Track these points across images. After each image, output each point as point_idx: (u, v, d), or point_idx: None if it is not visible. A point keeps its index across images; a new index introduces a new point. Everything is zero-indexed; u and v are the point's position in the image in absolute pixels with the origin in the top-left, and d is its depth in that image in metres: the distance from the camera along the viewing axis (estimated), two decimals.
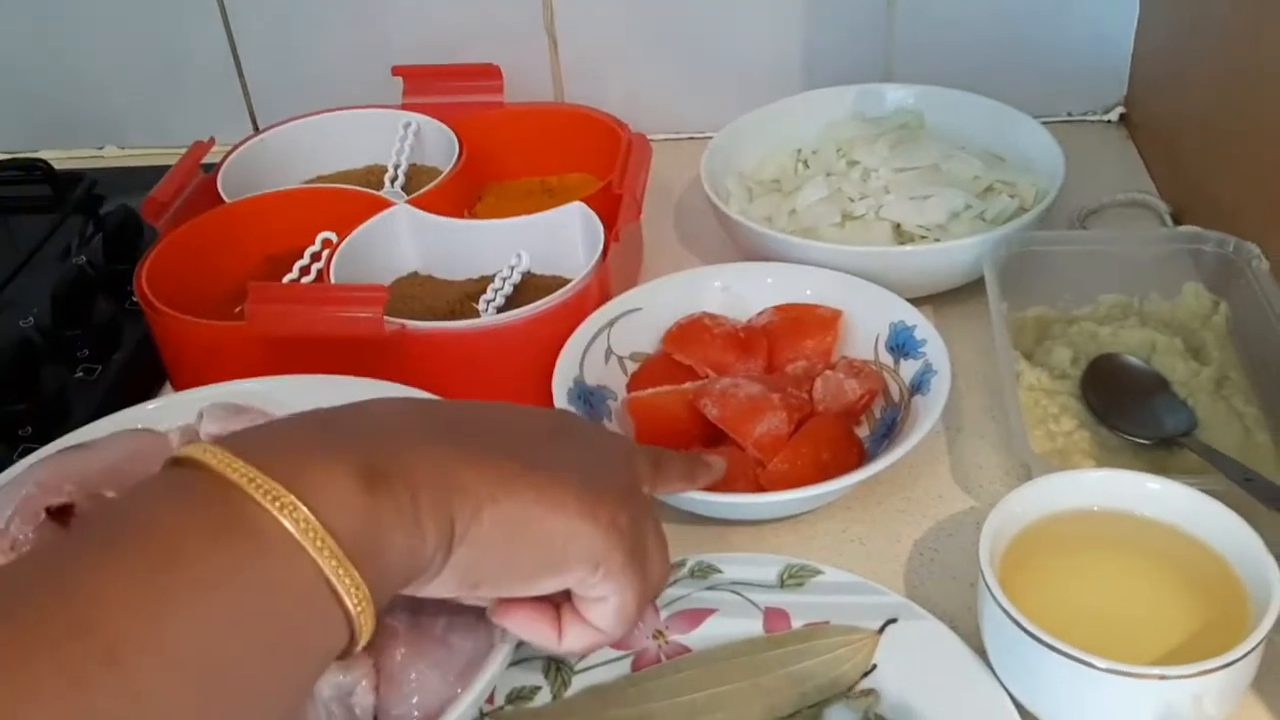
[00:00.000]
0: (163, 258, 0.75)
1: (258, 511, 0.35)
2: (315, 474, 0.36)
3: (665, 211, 0.91)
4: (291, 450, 0.37)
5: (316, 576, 0.35)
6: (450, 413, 0.45)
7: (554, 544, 0.43)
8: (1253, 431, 0.63)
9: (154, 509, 0.35)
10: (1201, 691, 0.46)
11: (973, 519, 0.63)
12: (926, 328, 0.68)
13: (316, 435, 0.39)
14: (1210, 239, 0.71)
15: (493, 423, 0.45)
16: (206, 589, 0.33)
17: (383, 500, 0.37)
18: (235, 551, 0.34)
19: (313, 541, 0.35)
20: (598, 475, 0.44)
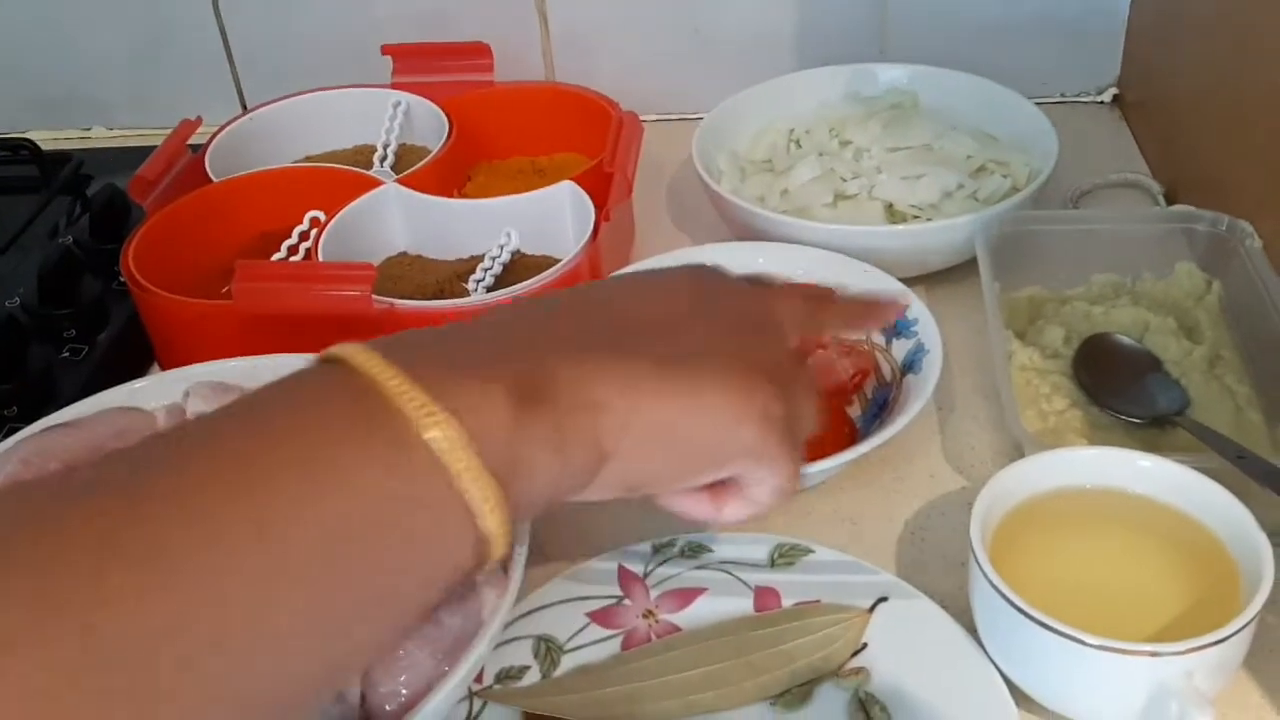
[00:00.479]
0: (150, 237, 0.74)
1: (405, 424, 0.33)
2: (467, 393, 0.35)
3: (657, 191, 0.90)
4: (442, 366, 0.36)
5: (457, 495, 0.34)
6: (587, 309, 0.43)
7: (706, 445, 0.42)
8: (1245, 410, 0.63)
9: (304, 405, 0.35)
10: (1193, 668, 0.46)
11: (964, 499, 0.63)
12: (919, 306, 0.67)
13: (466, 350, 0.38)
14: (1203, 218, 0.71)
15: (631, 312, 0.43)
16: (347, 491, 0.32)
17: (530, 426, 0.36)
18: (379, 461, 0.33)
19: (457, 461, 0.34)
20: (743, 356, 0.42)
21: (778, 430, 0.42)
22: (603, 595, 0.58)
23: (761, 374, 0.42)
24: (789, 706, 0.52)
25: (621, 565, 0.59)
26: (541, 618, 0.56)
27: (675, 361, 0.40)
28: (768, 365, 0.43)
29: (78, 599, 0.28)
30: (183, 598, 0.29)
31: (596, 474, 0.39)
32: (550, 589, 0.58)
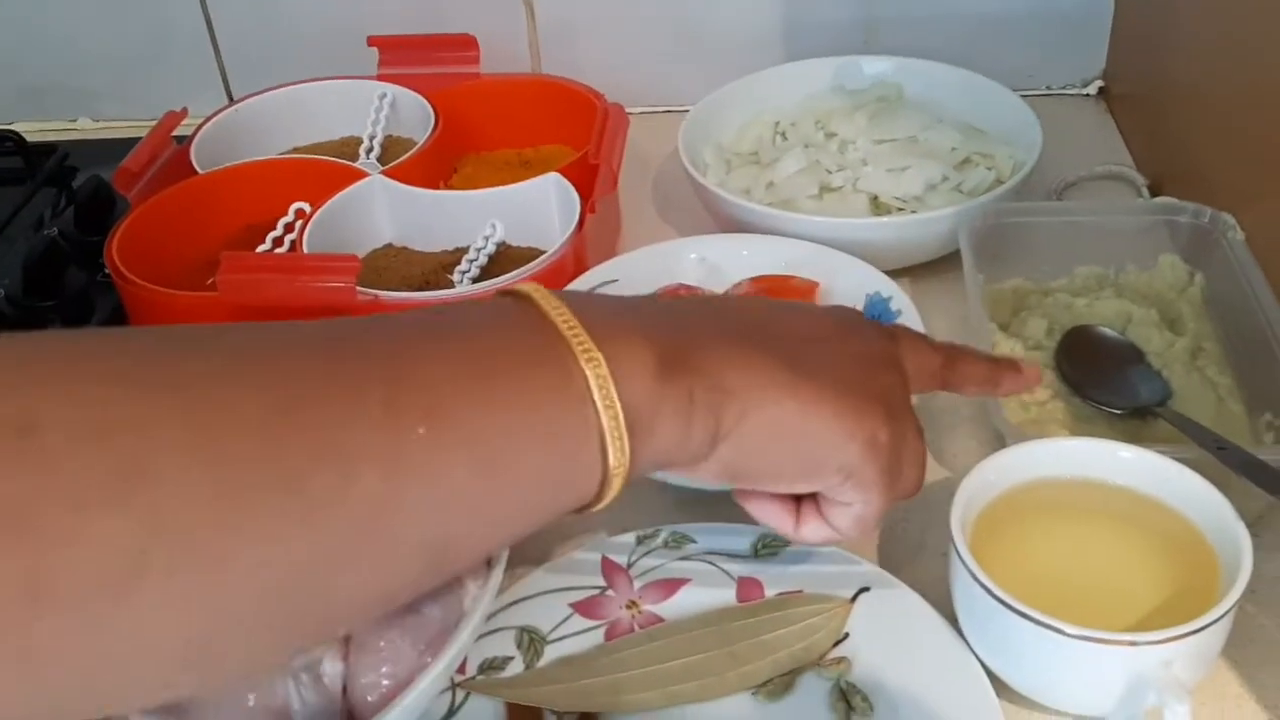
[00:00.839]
0: (134, 229, 0.74)
1: (567, 355, 0.38)
2: (622, 346, 0.39)
3: (643, 184, 0.90)
4: (608, 318, 0.40)
5: (595, 430, 0.38)
6: (738, 313, 0.47)
7: (812, 452, 0.44)
8: (1226, 401, 0.63)
9: (480, 322, 0.39)
10: (1171, 657, 0.46)
11: (947, 490, 0.62)
12: (902, 299, 0.67)
13: (629, 314, 0.42)
14: (1186, 210, 0.71)
15: (774, 323, 0.46)
16: (511, 399, 0.37)
17: (667, 389, 0.40)
18: (540, 382, 0.38)
19: (604, 399, 0.38)
20: (866, 384, 0.45)
21: (881, 458, 0.45)
22: (586, 586, 0.58)
23: (879, 403, 0.45)
24: (771, 696, 0.53)
25: (605, 556, 0.59)
26: (524, 609, 0.56)
27: (804, 369, 0.44)
28: (887, 399, 0.46)
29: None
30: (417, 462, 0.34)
31: (710, 453, 0.42)
32: (533, 580, 0.58)
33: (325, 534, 0.32)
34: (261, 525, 0.31)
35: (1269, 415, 0.61)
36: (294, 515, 0.32)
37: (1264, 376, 0.62)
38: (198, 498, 0.30)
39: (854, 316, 0.51)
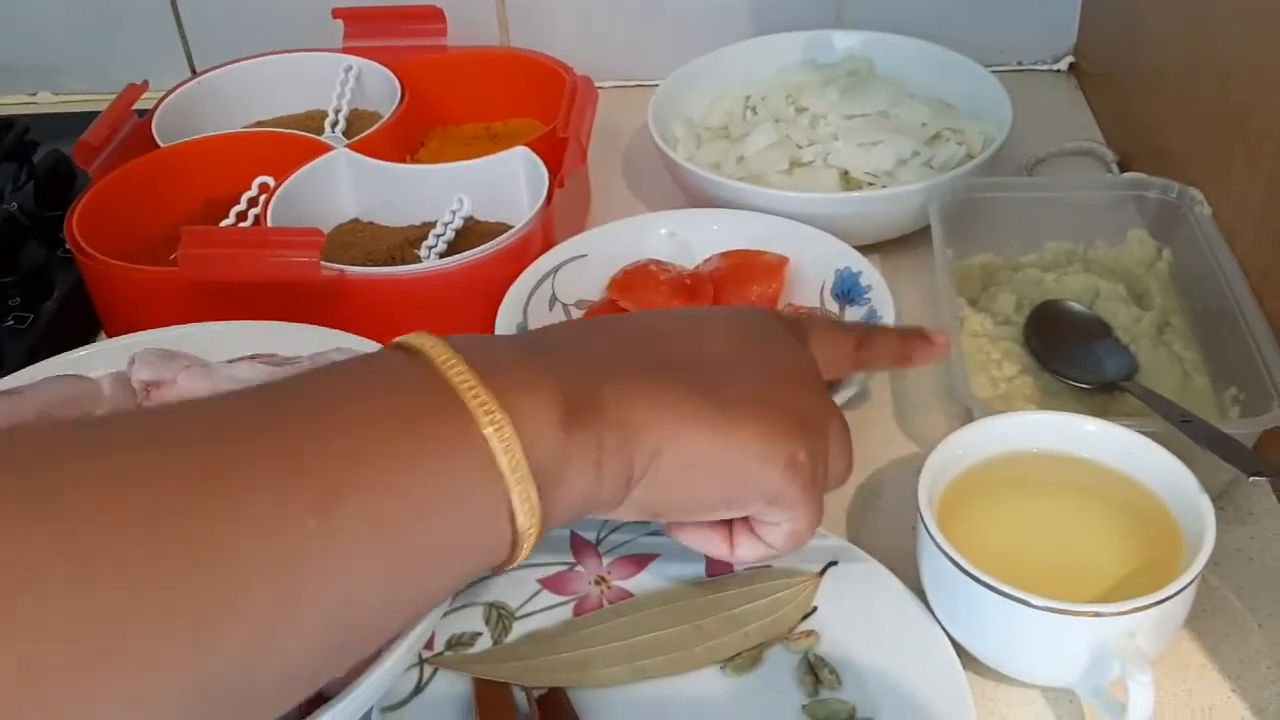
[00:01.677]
0: (95, 203, 0.73)
1: (466, 419, 0.36)
2: (525, 397, 0.37)
3: (613, 159, 0.90)
4: (506, 367, 0.38)
5: (502, 496, 0.36)
6: (643, 337, 0.45)
7: (731, 482, 0.43)
8: (1192, 375, 0.63)
9: (372, 389, 0.37)
10: (1135, 628, 0.46)
11: (915, 465, 0.62)
12: (872, 274, 0.67)
13: (529, 359, 0.40)
14: (1154, 185, 0.72)
15: (680, 343, 0.45)
16: (408, 475, 0.35)
17: (575, 439, 0.38)
18: (438, 453, 0.35)
19: (510, 463, 0.36)
20: (780, 402, 0.44)
21: (802, 477, 0.44)
22: (555, 562, 0.57)
23: (795, 422, 0.44)
24: (739, 670, 0.53)
25: (574, 532, 0.59)
26: (493, 585, 0.56)
27: (715, 397, 0.42)
28: (802, 415, 0.44)
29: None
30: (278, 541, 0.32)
31: (626, 494, 0.41)
32: None
33: (220, 652, 0.31)
34: (147, 655, 0.29)
35: (1234, 389, 0.61)
36: (182, 641, 0.30)
37: (1229, 350, 0.62)
38: (75, 637, 0.28)
39: (761, 322, 0.49)
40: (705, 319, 0.48)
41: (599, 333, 0.45)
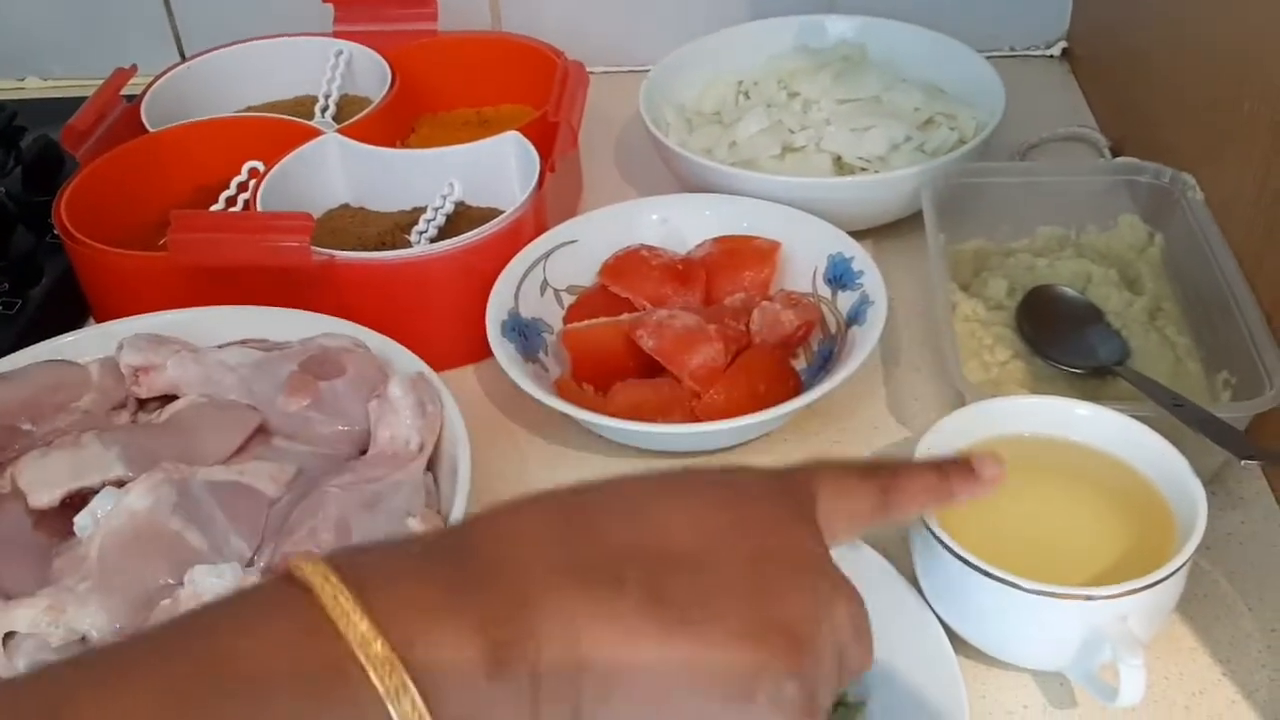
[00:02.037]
0: (83, 188, 0.72)
1: (363, 679, 0.30)
2: (437, 648, 0.31)
3: (605, 145, 0.89)
4: (415, 603, 0.32)
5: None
6: (584, 525, 0.36)
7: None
8: (1184, 361, 0.63)
9: (254, 636, 0.31)
10: (1126, 611, 0.46)
11: (907, 449, 0.62)
12: (864, 259, 0.67)
13: (444, 586, 0.33)
14: (1147, 170, 0.71)
15: (634, 535, 0.36)
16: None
17: (502, 688, 0.32)
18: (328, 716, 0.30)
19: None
20: (767, 613, 0.35)
21: (791, 710, 0.35)
22: None
23: (784, 644, 0.35)
24: None
25: None
26: None
27: (677, 609, 0.34)
28: (795, 631, 0.35)
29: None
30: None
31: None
32: None
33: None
34: None
35: (1225, 374, 0.61)
36: None
37: (1221, 335, 0.62)
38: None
39: (752, 486, 0.39)
40: (665, 486, 0.39)
41: (536, 523, 0.36)
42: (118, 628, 0.47)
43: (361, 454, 0.56)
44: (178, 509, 0.50)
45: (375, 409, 0.55)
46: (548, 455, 0.65)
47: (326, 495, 0.50)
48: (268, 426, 0.56)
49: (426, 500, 0.53)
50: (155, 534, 0.49)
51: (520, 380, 0.61)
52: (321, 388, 0.57)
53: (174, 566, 0.48)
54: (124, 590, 0.48)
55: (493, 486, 0.62)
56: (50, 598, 0.47)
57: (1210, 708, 0.50)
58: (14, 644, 0.47)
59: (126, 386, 0.58)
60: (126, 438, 0.54)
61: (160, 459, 0.52)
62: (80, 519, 0.50)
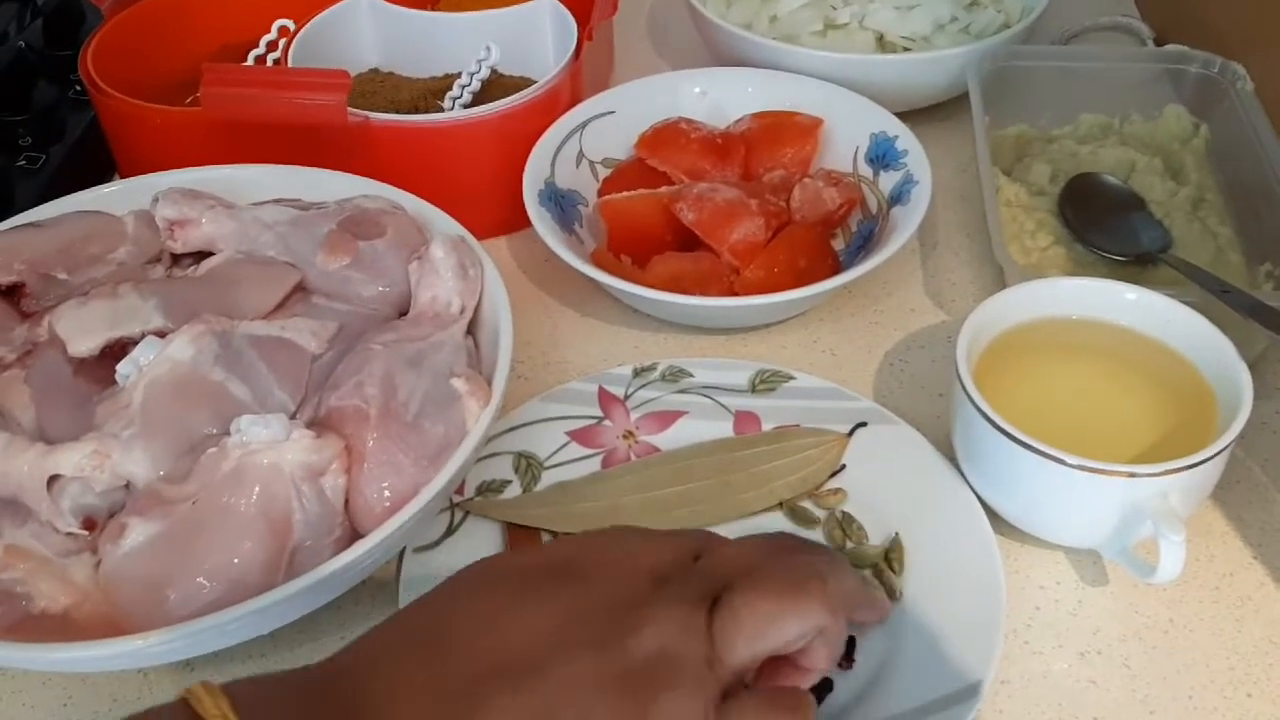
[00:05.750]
0: (109, 40, 0.71)
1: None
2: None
3: (637, 18, 0.87)
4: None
5: None
6: (442, 644, 0.34)
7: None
8: (1225, 251, 0.63)
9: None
10: (1168, 489, 0.46)
11: (944, 332, 0.63)
12: (909, 138, 0.66)
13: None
14: (1196, 59, 0.70)
15: (486, 648, 0.34)
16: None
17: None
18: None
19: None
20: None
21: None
22: (583, 415, 0.57)
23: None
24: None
25: (602, 387, 0.59)
26: (522, 435, 0.56)
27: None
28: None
29: None
30: None
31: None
32: (530, 408, 0.57)
33: None
34: None
35: (1268, 265, 0.60)
36: None
37: (1265, 227, 0.62)
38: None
39: (588, 573, 0.36)
40: (515, 580, 0.36)
41: (396, 651, 0.34)
42: (161, 474, 0.47)
43: (401, 316, 0.56)
44: (219, 360, 0.50)
45: (416, 270, 0.55)
46: (581, 328, 0.64)
47: (371, 351, 0.50)
48: (307, 284, 0.56)
49: (468, 361, 0.52)
50: (198, 384, 0.49)
51: (558, 248, 0.61)
52: (361, 247, 0.56)
53: (218, 417, 0.48)
54: (168, 438, 0.48)
55: (526, 356, 0.62)
56: (95, 442, 0.47)
57: (1240, 589, 0.51)
58: (59, 487, 0.47)
59: (162, 240, 0.58)
60: (165, 289, 0.54)
61: (199, 312, 0.52)
62: (122, 367, 0.50)
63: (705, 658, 0.34)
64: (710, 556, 0.37)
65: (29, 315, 0.54)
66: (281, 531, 0.45)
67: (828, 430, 0.56)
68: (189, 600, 0.44)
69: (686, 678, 0.33)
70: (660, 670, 0.33)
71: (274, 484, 0.45)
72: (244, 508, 0.45)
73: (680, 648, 0.34)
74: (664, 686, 0.33)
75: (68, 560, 0.46)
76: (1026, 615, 0.50)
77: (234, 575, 0.44)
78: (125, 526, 0.45)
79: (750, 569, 0.36)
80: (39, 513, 0.47)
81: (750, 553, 0.37)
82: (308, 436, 0.46)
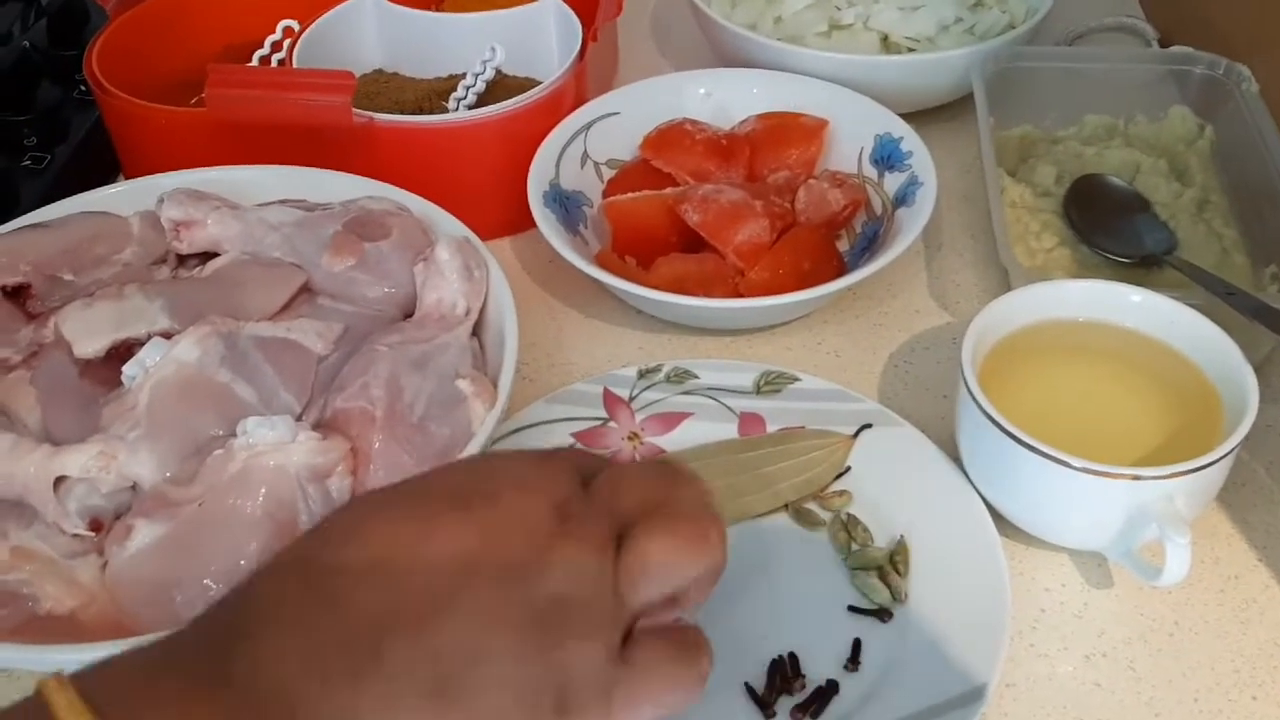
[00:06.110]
0: (114, 41, 0.71)
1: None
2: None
3: (640, 18, 0.87)
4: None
5: None
6: (328, 595, 0.32)
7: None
8: (1230, 254, 0.63)
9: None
10: (1174, 492, 0.46)
11: (948, 334, 0.63)
12: (913, 139, 0.66)
13: (194, 704, 0.30)
14: (1201, 60, 0.70)
15: (379, 601, 0.32)
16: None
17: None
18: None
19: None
20: (532, 668, 0.31)
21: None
22: (588, 417, 0.57)
23: (549, 709, 0.32)
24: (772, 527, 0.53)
25: (607, 388, 0.59)
26: (527, 436, 0.56)
27: (432, 684, 0.31)
28: (564, 681, 0.32)
29: None
30: None
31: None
32: (535, 409, 0.57)
33: None
34: None
35: (1273, 267, 0.60)
36: None
37: (1270, 229, 0.62)
38: None
39: (471, 503, 0.34)
40: (394, 519, 0.34)
41: (287, 606, 0.32)
42: (167, 476, 0.47)
43: (406, 317, 0.56)
44: (225, 362, 0.50)
45: (421, 272, 0.55)
46: (585, 329, 0.64)
47: (376, 353, 0.50)
48: (312, 286, 0.56)
49: (473, 363, 0.52)
50: (204, 385, 0.49)
51: (563, 250, 0.61)
52: (366, 249, 0.56)
53: (224, 418, 0.48)
54: (174, 439, 0.48)
55: (531, 358, 0.62)
56: (101, 444, 0.47)
57: (1244, 591, 0.51)
58: (65, 488, 0.47)
59: (167, 241, 0.58)
60: (170, 290, 0.54)
61: (205, 313, 0.52)
62: (128, 368, 0.50)
63: (609, 601, 0.33)
64: (603, 485, 0.36)
65: (34, 316, 0.54)
66: (288, 533, 0.45)
67: (833, 432, 0.56)
68: (195, 601, 0.44)
69: (591, 622, 0.33)
70: (565, 614, 0.32)
71: (280, 485, 0.45)
72: (250, 509, 0.45)
73: (585, 592, 0.33)
74: (570, 633, 0.32)
75: (74, 561, 0.46)
76: (1031, 618, 0.50)
77: (240, 577, 0.44)
78: (131, 528, 0.45)
79: (649, 506, 0.35)
80: (45, 514, 0.47)
81: (639, 484, 0.36)
82: (314, 438, 0.46)
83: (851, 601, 0.50)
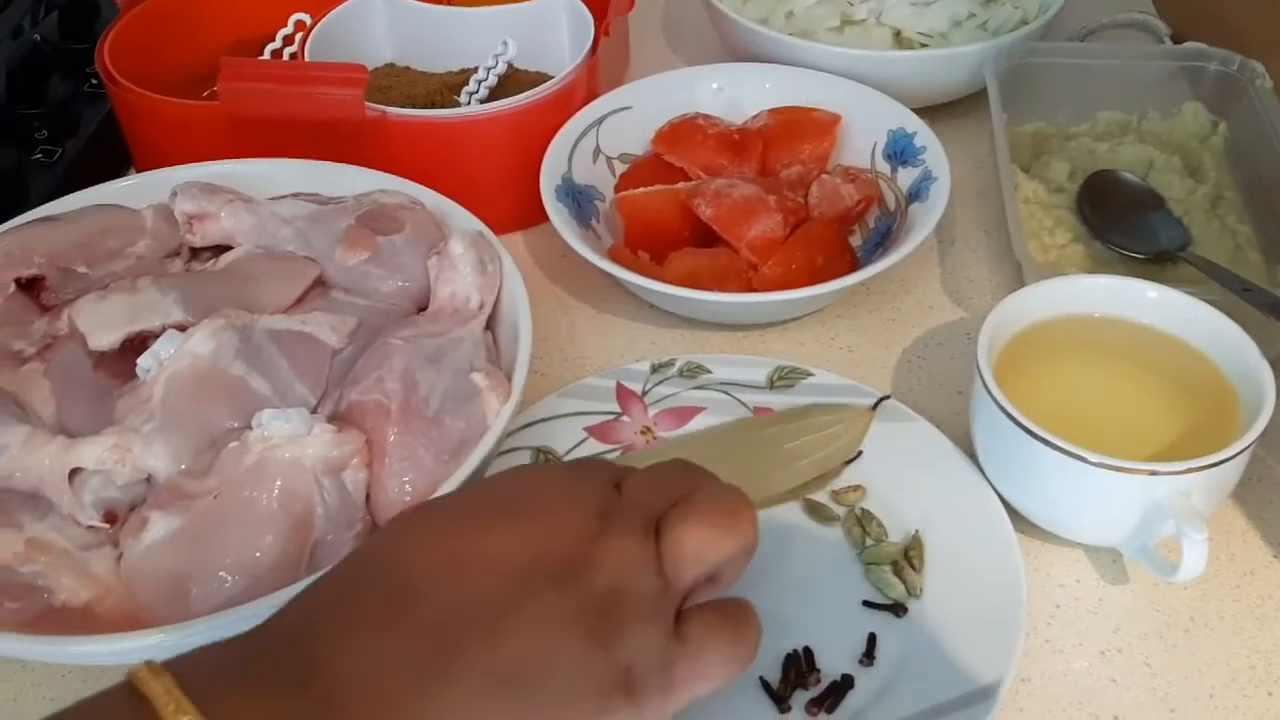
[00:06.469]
0: (125, 34, 0.71)
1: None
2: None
3: (652, 14, 0.87)
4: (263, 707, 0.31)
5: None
6: (401, 606, 0.33)
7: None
8: (1244, 250, 0.63)
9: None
10: (1190, 487, 0.46)
11: (962, 329, 0.63)
12: (927, 134, 0.66)
13: (283, 699, 0.31)
14: (1215, 56, 0.70)
15: (446, 603, 0.33)
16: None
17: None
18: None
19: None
20: (594, 660, 0.33)
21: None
22: (601, 411, 0.57)
23: (619, 690, 0.33)
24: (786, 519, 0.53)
25: (620, 383, 0.58)
26: (540, 430, 0.56)
27: (508, 681, 0.32)
28: (629, 663, 0.34)
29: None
30: None
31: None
32: (548, 403, 0.57)
33: None
34: None
35: None
36: None
37: None
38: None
39: (530, 512, 0.36)
40: (457, 529, 0.35)
41: (368, 623, 0.33)
42: (182, 468, 0.47)
43: (420, 311, 0.55)
44: (240, 355, 0.50)
45: (435, 265, 0.55)
46: (598, 324, 0.64)
47: (391, 346, 0.50)
48: (326, 279, 0.56)
49: (487, 357, 0.52)
50: (219, 378, 0.49)
51: (575, 243, 0.60)
52: (380, 242, 0.56)
53: (238, 411, 0.48)
54: (188, 432, 0.48)
55: (544, 352, 0.62)
56: (116, 436, 0.47)
57: (1260, 587, 0.51)
58: (80, 480, 0.47)
59: (180, 234, 0.58)
60: (184, 283, 0.54)
61: (219, 306, 0.52)
62: (143, 361, 0.50)
63: (658, 587, 0.35)
64: (634, 485, 0.38)
65: (48, 309, 0.54)
66: (303, 526, 0.45)
67: (850, 406, 0.56)
68: (210, 594, 0.44)
69: (646, 606, 0.35)
70: (621, 602, 0.34)
71: (295, 478, 0.45)
72: (265, 502, 0.45)
73: (636, 580, 0.35)
74: (628, 619, 0.34)
75: (89, 553, 0.46)
76: (1047, 613, 0.50)
77: (255, 569, 0.44)
78: (146, 520, 0.45)
79: (680, 496, 0.37)
80: (60, 506, 0.47)
81: (668, 480, 0.38)
82: (329, 431, 0.46)
83: (866, 597, 0.49)
